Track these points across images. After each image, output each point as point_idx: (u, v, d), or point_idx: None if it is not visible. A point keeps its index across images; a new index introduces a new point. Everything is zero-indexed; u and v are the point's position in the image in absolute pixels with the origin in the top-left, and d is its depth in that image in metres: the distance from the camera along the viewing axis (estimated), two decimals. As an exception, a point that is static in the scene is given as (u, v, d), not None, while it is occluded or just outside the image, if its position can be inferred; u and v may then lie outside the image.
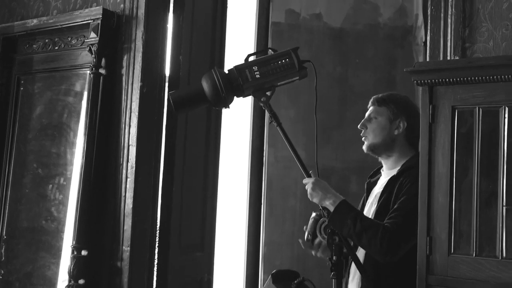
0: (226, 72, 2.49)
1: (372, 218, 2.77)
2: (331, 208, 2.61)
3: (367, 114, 2.97)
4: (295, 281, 2.46)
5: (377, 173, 3.03)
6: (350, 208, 2.64)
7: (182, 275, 3.54)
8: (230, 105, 2.52)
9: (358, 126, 2.95)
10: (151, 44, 3.39)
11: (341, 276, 2.38)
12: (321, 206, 2.61)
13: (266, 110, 2.49)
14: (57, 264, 3.46)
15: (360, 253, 2.77)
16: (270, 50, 2.55)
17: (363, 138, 2.95)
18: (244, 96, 2.53)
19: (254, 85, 2.47)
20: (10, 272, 3.59)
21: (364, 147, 2.94)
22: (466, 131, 2.47)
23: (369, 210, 2.88)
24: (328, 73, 5.16)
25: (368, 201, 2.96)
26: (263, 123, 5.24)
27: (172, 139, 3.47)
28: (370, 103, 2.99)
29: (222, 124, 3.93)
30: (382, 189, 2.84)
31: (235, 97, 2.51)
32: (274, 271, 2.56)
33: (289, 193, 5.14)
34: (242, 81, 2.46)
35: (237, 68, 2.49)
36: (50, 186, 3.55)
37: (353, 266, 2.79)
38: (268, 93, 2.49)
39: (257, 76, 2.46)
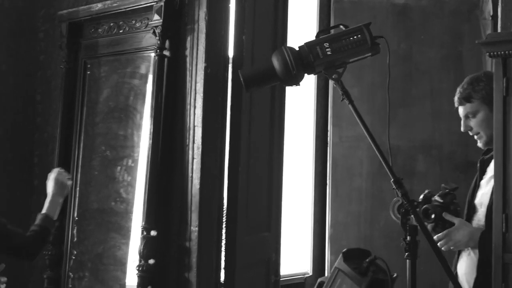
0: (297, 49, 2.45)
1: (490, 195, 2.74)
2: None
3: (462, 114, 2.90)
4: (367, 260, 2.41)
5: (491, 150, 2.91)
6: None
7: (250, 255, 3.54)
8: (300, 83, 2.48)
9: (462, 129, 2.90)
10: (214, 24, 3.37)
11: (415, 257, 2.33)
12: (395, 186, 2.53)
13: (337, 88, 2.43)
14: (126, 245, 3.52)
15: None
16: (341, 26, 2.48)
17: (475, 137, 2.90)
18: (315, 73, 2.48)
19: (325, 62, 2.40)
20: (82, 252, 3.67)
21: (481, 145, 2.90)
22: (542, 103, 2.38)
23: (488, 190, 2.81)
24: (392, 50, 4.97)
25: (484, 179, 2.89)
26: (327, 103, 5.19)
27: (236, 120, 3.45)
28: (457, 103, 2.91)
29: (286, 103, 3.90)
30: None
31: (305, 74, 2.47)
32: (345, 249, 2.52)
33: (355, 173, 5.08)
34: (313, 58, 2.39)
35: (308, 44, 2.42)
36: (118, 168, 3.61)
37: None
38: (339, 70, 2.44)
39: (329, 52, 2.39)
